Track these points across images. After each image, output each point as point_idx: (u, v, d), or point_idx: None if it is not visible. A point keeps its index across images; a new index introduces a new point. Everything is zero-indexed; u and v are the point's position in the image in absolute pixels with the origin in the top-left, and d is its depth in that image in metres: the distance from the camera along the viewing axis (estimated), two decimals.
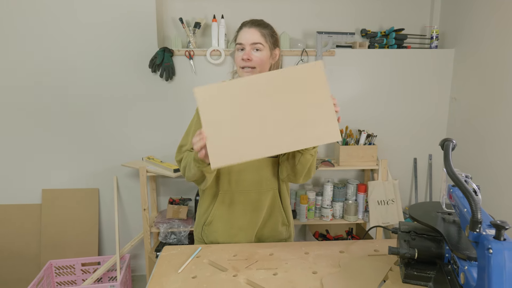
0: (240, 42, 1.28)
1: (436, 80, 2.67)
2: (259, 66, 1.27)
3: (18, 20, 2.40)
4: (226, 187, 1.33)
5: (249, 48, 1.26)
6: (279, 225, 1.40)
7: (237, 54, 1.29)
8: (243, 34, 1.27)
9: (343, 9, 2.69)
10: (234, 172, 1.31)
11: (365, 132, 2.50)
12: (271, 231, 1.40)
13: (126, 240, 2.69)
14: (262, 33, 1.27)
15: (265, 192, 1.34)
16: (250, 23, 1.29)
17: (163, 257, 1.20)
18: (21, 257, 2.57)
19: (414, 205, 1.19)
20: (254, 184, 1.33)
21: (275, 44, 1.32)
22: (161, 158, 2.56)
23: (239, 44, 1.28)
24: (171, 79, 2.51)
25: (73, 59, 2.47)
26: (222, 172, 1.33)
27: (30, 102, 2.50)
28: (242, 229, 1.35)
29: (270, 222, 1.38)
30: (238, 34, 1.30)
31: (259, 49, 1.27)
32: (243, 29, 1.29)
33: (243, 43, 1.27)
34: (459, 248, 0.90)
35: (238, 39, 1.29)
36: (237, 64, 1.30)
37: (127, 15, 2.44)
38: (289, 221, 1.43)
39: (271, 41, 1.30)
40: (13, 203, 2.58)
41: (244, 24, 1.30)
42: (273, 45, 1.31)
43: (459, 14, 2.53)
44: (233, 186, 1.33)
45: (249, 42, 1.26)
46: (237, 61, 1.29)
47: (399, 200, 2.55)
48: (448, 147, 0.99)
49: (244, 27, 1.29)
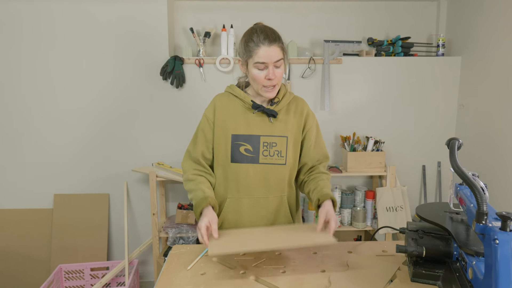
0: (263, 61, 1.21)
1: (443, 87, 2.68)
2: (279, 82, 1.29)
3: (32, 23, 2.48)
4: (234, 193, 1.35)
5: (272, 66, 1.23)
6: None
7: (256, 71, 1.24)
8: (265, 52, 1.21)
9: (349, 18, 2.74)
10: (242, 179, 1.33)
11: (373, 139, 2.51)
12: None
13: (135, 245, 2.71)
14: (281, 47, 1.24)
15: (272, 198, 1.35)
16: (268, 40, 1.21)
17: (172, 255, 1.22)
18: (31, 260, 2.60)
19: (422, 205, 1.20)
20: (262, 190, 1.34)
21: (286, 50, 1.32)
22: (171, 164, 2.59)
23: (262, 64, 1.22)
24: (181, 86, 2.56)
25: (86, 66, 2.54)
26: (231, 179, 1.34)
27: (42, 108, 2.57)
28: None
29: None
30: (256, 52, 1.22)
31: (280, 64, 1.25)
32: (262, 48, 1.21)
33: (267, 62, 1.21)
34: (467, 244, 0.91)
35: (259, 58, 1.21)
36: (259, 82, 1.25)
37: (141, 25, 2.51)
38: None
39: (286, 51, 1.29)
40: (26, 208, 2.63)
41: (262, 41, 1.21)
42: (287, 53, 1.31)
43: (465, 22, 2.56)
44: (242, 192, 1.34)
45: (272, 61, 1.22)
46: (258, 79, 1.25)
47: (408, 207, 2.53)
48: (454, 144, 1.00)
49: (263, 45, 1.21)
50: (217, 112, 1.34)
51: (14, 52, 2.50)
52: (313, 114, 1.41)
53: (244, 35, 1.28)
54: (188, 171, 1.35)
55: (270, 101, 1.35)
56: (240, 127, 1.32)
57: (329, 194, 1.26)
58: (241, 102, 1.33)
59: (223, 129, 1.33)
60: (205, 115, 1.36)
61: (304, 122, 1.37)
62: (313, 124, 1.39)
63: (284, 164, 1.33)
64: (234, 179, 1.34)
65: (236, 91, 1.35)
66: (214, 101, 1.37)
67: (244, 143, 1.31)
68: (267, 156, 1.32)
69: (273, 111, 1.31)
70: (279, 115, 1.33)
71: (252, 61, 1.24)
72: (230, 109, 1.34)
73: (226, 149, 1.33)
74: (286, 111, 1.35)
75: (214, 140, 1.35)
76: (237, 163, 1.32)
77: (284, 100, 1.34)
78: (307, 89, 2.63)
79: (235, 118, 1.32)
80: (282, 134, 1.33)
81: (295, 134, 1.35)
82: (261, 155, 1.31)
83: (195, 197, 1.25)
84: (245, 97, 1.33)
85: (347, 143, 2.57)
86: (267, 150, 1.31)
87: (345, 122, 2.70)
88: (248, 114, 1.33)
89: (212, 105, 1.36)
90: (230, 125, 1.32)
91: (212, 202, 1.23)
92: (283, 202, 1.38)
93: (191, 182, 1.32)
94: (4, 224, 2.60)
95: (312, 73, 2.63)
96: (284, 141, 1.33)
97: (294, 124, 1.35)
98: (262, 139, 1.31)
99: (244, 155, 1.31)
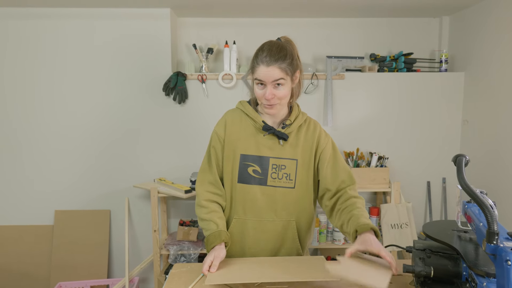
0: (260, 79, 1.19)
1: (446, 102, 2.67)
2: (281, 101, 1.23)
3: (36, 40, 2.52)
4: (240, 214, 1.31)
5: (270, 86, 1.19)
6: (293, 255, 1.36)
7: (257, 87, 1.22)
8: (263, 72, 1.17)
9: (351, 34, 2.76)
10: (248, 200, 1.30)
11: (377, 154, 2.49)
12: None
13: (135, 262, 2.67)
14: (282, 68, 1.17)
15: (279, 221, 1.31)
16: (269, 58, 1.17)
17: (173, 274, 1.19)
18: (31, 278, 2.56)
19: (429, 223, 1.17)
20: (268, 213, 1.30)
21: (296, 69, 1.23)
22: (172, 180, 2.57)
23: (259, 81, 1.20)
24: (184, 102, 2.57)
25: (89, 82, 2.56)
26: (237, 200, 1.31)
27: (44, 124, 2.58)
28: (255, 257, 1.32)
29: (283, 252, 1.35)
30: (256, 69, 1.19)
31: (280, 83, 1.19)
32: (261, 66, 1.17)
33: (264, 81, 1.18)
34: (477, 264, 0.88)
35: (257, 75, 1.19)
36: (258, 98, 1.24)
37: (144, 41, 2.54)
38: (304, 252, 1.39)
39: (291, 70, 1.21)
40: (26, 224, 2.61)
41: (262, 60, 1.18)
42: (293, 72, 1.22)
43: (468, 38, 2.57)
44: (248, 214, 1.31)
45: (270, 81, 1.18)
46: (257, 95, 1.23)
47: (413, 224, 2.49)
48: (461, 161, 0.98)
49: (262, 64, 1.17)
50: (227, 129, 1.31)
51: (18, 67, 2.52)
52: (327, 134, 1.35)
53: (257, 49, 1.25)
54: (201, 195, 1.31)
55: (282, 123, 1.31)
56: (250, 147, 1.29)
57: (369, 224, 1.13)
58: (252, 122, 1.30)
59: (232, 148, 1.30)
60: (216, 132, 1.33)
61: (317, 144, 1.31)
62: (327, 145, 1.32)
63: (293, 187, 1.29)
64: (241, 200, 1.30)
65: (247, 109, 1.32)
66: (225, 117, 1.35)
67: (252, 163, 1.28)
68: (276, 178, 1.28)
69: (284, 134, 1.27)
70: (290, 138, 1.29)
71: (253, 76, 1.23)
72: (241, 127, 1.31)
73: (233, 168, 1.30)
74: (297, 134, 1.31)
75: (223, 158, 1.32)
76: (245, 183, 1.29)
77: (296, 123, 1.30)
78: (310, 104, 2.63)
79: (245, 138, 1.29)
80: (292, 157, 1.29)
81: (306, 158, 1.31)
82: (270, 177, 1.28)
83: (208, 229, 1.23)
84: (257, 117, 1.29)
85: (351, 159, 2.55)
86: (276, 172, 1.28)
87: (348, 137, 2.68)
88: (259, 135, 1.29)
89: (223, 122, 1.33)
90: (240, 144, 1.29)
91: (225, 239, 1.21)
92: (291, 227, 1.33)
93: (204, 209, 1.28)
94: (4, 241, 2.58)
95: (314, 89, 2.63)
96: (294, 164, 1.29)
97: (305, 147, 1.31)
98: (272, 161, 1.28)
99: (252, 176, 1.28)
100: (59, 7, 2.47)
